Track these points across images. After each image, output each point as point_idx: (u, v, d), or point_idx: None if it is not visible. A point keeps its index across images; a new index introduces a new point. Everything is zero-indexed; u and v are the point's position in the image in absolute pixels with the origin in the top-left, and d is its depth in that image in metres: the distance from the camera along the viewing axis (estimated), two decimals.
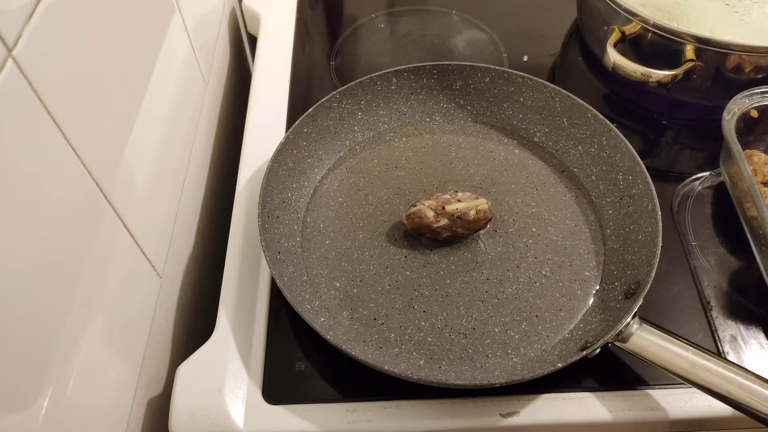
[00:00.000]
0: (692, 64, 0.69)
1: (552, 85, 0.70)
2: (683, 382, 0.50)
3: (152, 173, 0.58)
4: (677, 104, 0.77)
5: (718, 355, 0.55)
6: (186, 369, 0.56)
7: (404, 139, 0.73)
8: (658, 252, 0.57)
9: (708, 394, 0.50)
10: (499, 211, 0.66)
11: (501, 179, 0.69)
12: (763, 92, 0.66)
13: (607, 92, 0.81)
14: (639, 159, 0.64)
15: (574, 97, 0.69)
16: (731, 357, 0.57)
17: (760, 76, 0.69)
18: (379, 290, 0.61)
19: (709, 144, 0.74)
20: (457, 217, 0.62)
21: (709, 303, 0.60)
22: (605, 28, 0.76)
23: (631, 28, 0.72)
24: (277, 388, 0.55)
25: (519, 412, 0.54)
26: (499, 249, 0.63)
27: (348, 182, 0.69)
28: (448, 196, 0.63)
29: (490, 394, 0.54)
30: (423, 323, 0.58)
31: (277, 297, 0.61)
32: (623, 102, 0.80)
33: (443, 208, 0.62)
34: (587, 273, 0.61)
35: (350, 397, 0.55)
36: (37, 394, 0.40)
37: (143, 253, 0.56)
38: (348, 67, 0.84)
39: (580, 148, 0.69)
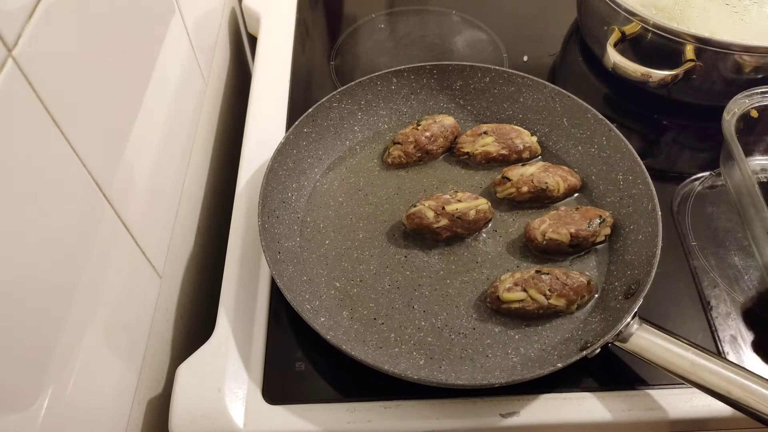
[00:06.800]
0: (692, 64, 0.69)
1: (552, 85, 0.70)
2: (683, 382, 0.50)
3: (152, 173, 0.58)
4: (677, 104, 0.77)
5: (718, 355, 0.55)
6: (186, 369, 0.56)
7: None
8: (658, 252, 0.57)
9: (708, 394, 0.50)
10: (499, 211, 0.66)
11: None
12: (763, 92, 0.66)
13: (607, 92, 0.81)
14: (639, 159, 0.64)
15: (574, 97, 0.69)
16: (731, 357, 0.57)
17: (760, 76, 0.69)
18: (379, 290, 0.61)
19: (709, 144, 0.74)
20: (457, 217, 0.62)
21: (709, 303, 0.60)
22: (605, 28, 0.76)
23: (631, 28, 0.72)
24: (277, 388, 0.55)
25: (519, 412, 0.54)
26: (499, 249, 0.63)
27: (348, 182, 0.69)
28: (448, 196, 0.63)
29: (490, 394, 0.54)
30: (423, 323, 0.58)
31: (277, 297, 0.61)
32: (623, 102, 0.80)
33: (443, 208, 0.62)
34: (587, 273, 0.61)
35: (350, 397, 0.55)
36: (37, 394, 0.40)
37: (143, 253, 0.56)
38: (348, 67, 0.84)
39: (580, 148, 0.69)
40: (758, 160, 0.71)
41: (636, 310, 0.53)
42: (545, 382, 0.53)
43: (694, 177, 0.70)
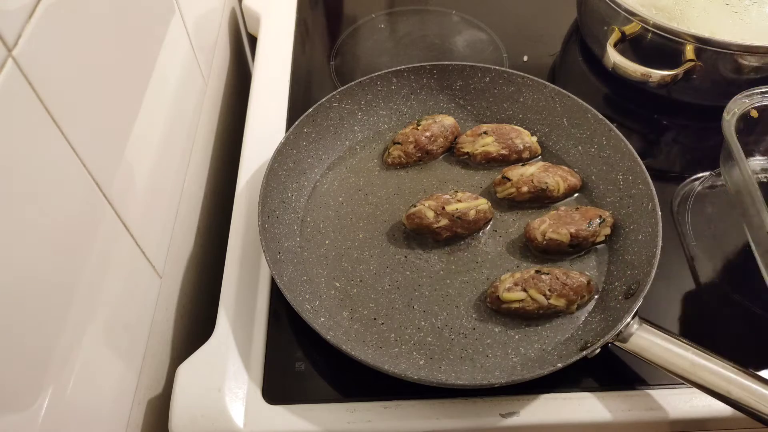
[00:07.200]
0: (692, 64, 0.69)
1: (552, 85, 0.70)
2: (683, 382, 0.50)
3: (152, 173, 0.58)
4: (677, 104, 0.77)
5: (718, 355, 0.54)
6: (186, 369, 0.56)
7: None
8: (658, 252, 0.57)
9: (708, 394, 0.50)
10: (499, 211, 0.66)
11: None
12: (763, 92, 0.66)
13: (607, 92, 0.81)
14: (639, 159, 0.64)
15: (574, 97, 0.69)
16: (731, 357, 0.57)
17: (760, 76, 0.69)
18: (379, 290, 0.61)
19: (709, 144, 0.74)
20: (457, 217, 0.62)
21: (709, 303, 0.60)
22: (605, 28, 0.76)
23: (631, 28, 0.72)
24: (277, 388, 0.55)
25: (519, 412, 0.54)
26: (499, 249, 0.63)
27: (348, 182, 0.69)
28: (448, 196, 0.63)
29: (490, 394, 0.54)
30: (423, 323, 0.58)
31: (277, 297, 0.61)
32: (623, 102, 0.80)
33: (443, 208, 0.62)
34: (587, 273, 0.61)
35: (350, 397, 0.55)
36: (37, 394, 0.40)
37: (143, 253, 0.56)
38: (348, 67, 0.84)
39: (580, 148, 0.69)
40: (758, 160, 0.71)
41: (636, 310, 0.53)
42: (545, 382, 0.53)
43: (694, 177, 0.70)
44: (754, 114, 0.66)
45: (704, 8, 0.75)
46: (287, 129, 0.73)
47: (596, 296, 0.59)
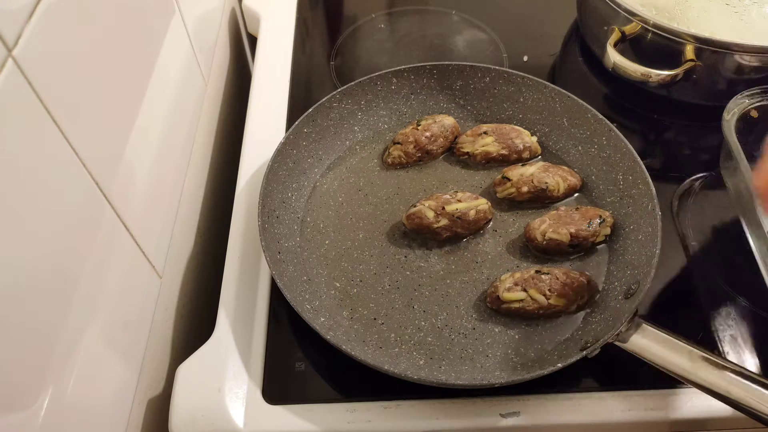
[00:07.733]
0: (692, 64, 0.69)
1: (552, 85, 0.70)
2: (683, 382, 0.50)
3: (152, 173, 0.58)
4: (677, 104, 0.77)
5: (718, 355, 0.55)
6: (186, 369, 0.56)
7: None
8: (658, 252, 0.57)
9: (708, 394, 0.49)
10: (499, 211, 0.66)
11: None
12: (763, 92, 0.66)
13: (607, 92, 0.81)
14: (639, 159, 0.64)
15: (574, 97, 0.69)
16: (731, 357, 0.57)
17: (760, 76, 0.69)
18: (379, 290, 0.61)
19: (709, 144, 0.74)
20: (457, 217, 0.62)
21: (709, 303, 0.60)
22: (605, 28, 0.76)
23: (631, 28, 0.72)
24: (277, 388, 0.55)
25: (519, 412, 0.54)
26: (499, 249, 0.63)
27: (348, 182, 0.69)
28: (448, 196, 0.63)
29: (490, 394, 0.54)
30: (423, 323, 0.58)
31: (277, 297, 0.61)
32: (623, 102, 0.80)
33: (443, 208, 0.62)
34: (587, 273, 0.61)
35: (350, 397, 0.55)
36: (37, 394, 0.40)
37: (143, 253, 0.56)
38: (348, 67, 0.84)
39: (580, 148, 0.69)
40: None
41: (636, 310, 0.53)
42: (545, 382, 0.53)
43: (694, 177, 0.70)
44: (754, 114, 0.66)
45: (704, 8, 0.75)
46: (287, 129, 0.73)
47: (596, 296, 0.59)
